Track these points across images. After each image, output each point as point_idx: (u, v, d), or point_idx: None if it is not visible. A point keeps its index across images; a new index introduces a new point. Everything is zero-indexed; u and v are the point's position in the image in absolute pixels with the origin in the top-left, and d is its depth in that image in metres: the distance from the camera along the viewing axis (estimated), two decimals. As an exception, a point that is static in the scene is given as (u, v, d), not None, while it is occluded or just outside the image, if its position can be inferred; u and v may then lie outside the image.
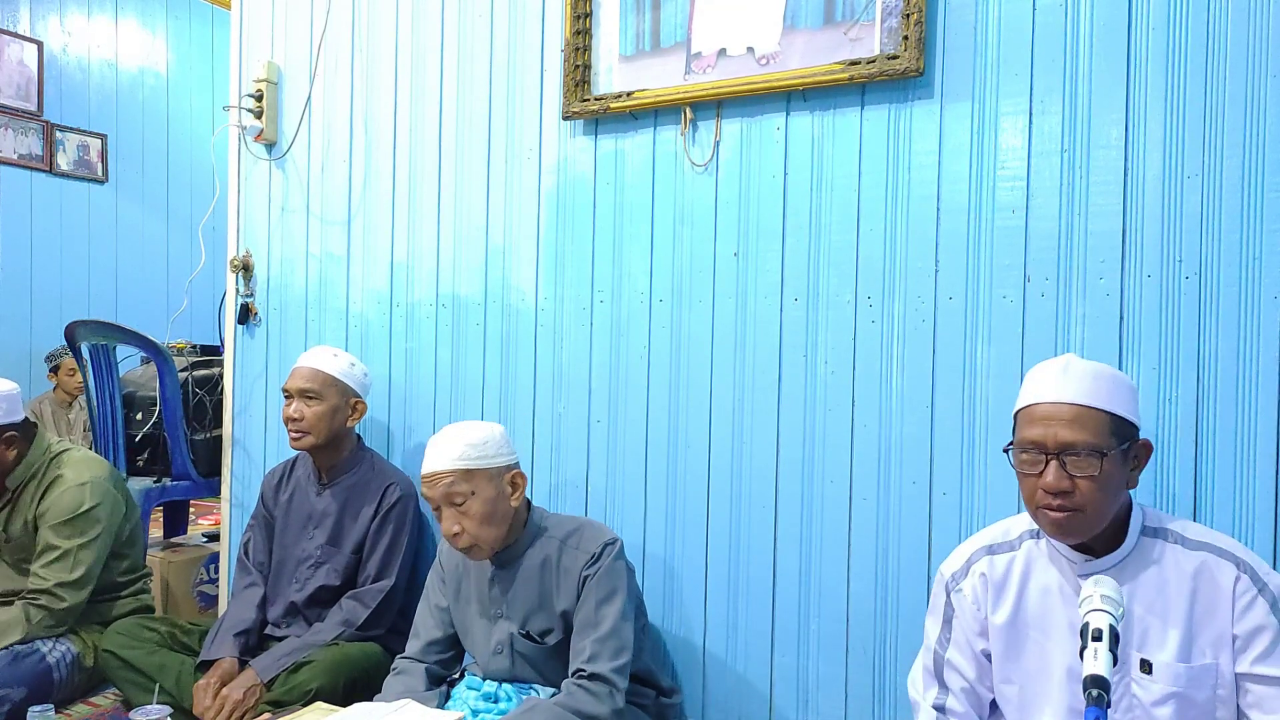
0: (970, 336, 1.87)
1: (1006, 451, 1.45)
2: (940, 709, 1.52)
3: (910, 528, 1.93)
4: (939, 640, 1.55)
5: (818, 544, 2.03)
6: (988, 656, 1.52)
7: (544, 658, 1.91)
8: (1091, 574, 1.38)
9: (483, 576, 1.96)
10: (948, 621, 1.54)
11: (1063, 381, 1.40)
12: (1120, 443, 1.37)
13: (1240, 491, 1.66)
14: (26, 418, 2.46)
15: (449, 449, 1.85)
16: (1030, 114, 1.82)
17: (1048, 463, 1.37)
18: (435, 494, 1.85)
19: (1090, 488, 1.35)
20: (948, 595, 1.55)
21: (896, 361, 1.95)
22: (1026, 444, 1.40)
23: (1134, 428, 1.41)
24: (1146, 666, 1.39)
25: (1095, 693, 1.08)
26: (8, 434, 2.40)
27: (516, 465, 1.93)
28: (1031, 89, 1.82)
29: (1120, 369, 1.70)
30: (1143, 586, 1.40)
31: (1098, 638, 1.15)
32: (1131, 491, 1.44)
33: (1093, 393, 1.38)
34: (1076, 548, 1.44)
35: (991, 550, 1.53)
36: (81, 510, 2.39)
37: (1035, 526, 1.50)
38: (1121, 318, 1.75)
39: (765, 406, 2.08)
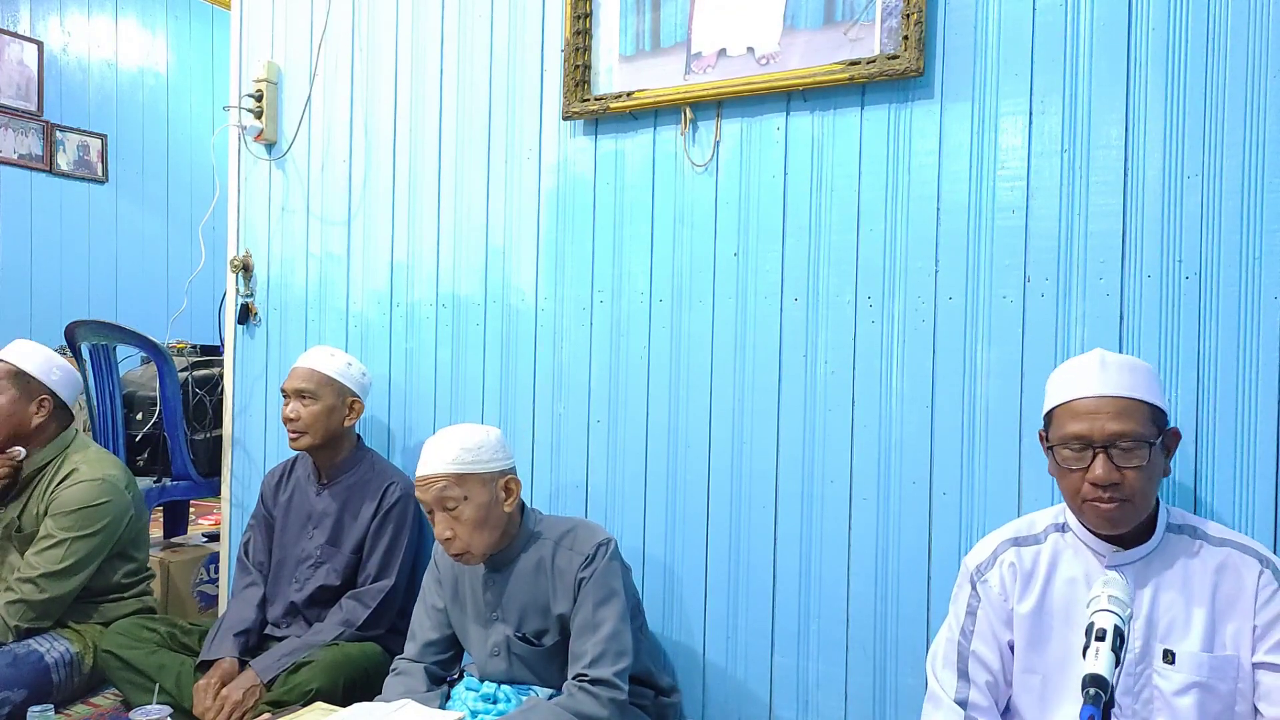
0: (970, 336, 1.87)
1: (1049, 451, 1.46)
2: (963, 703, 1.52)
3: (910, 528, 1.93)
4: (963, 632, 1.55)
5: (818, 544, 2.03)
6: (1012, 648, 1.53)
7: (541, 660, 1.91)
8: (1119, 565, 1.41)
9: (477, 580, 1.96)
10: (972, 613, 1.55)
11: (1102, 375, 1.43)
12: (1159, 432, 1.41)
13: (1240, 491, 1.66)
14: None
15: (443, 452, 1.84)
16: (1030, 114, 1.82)
17: (1095, 456, 1.39)
18: (428, 498, 1.84)
19: (1137, 477, 1.38)
20: (973, 586, 1.55)
21: (896, 361, 1.94)
22: (1070, 439, 1.42)
23: (1166, 415, 1.44)
24: (1169, 657, 1.41)
25: (1093, 691, 1.09)
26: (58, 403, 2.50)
27: (512, 470, 1.91)
28: (1031, 89, 1.82)
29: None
30: (1167, 579, 1.43)
31: (1100, 637, 1.16)
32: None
33: (1132, 385, 1.41)
34: (1106, 538, 1.46)
35: (1018, 543, 1.55)
36: (88, 505, 2.39)
37: (1060, 520, 1.52)
38: (1121, 318, 1.75)
39: (765, 406, 2.08)
